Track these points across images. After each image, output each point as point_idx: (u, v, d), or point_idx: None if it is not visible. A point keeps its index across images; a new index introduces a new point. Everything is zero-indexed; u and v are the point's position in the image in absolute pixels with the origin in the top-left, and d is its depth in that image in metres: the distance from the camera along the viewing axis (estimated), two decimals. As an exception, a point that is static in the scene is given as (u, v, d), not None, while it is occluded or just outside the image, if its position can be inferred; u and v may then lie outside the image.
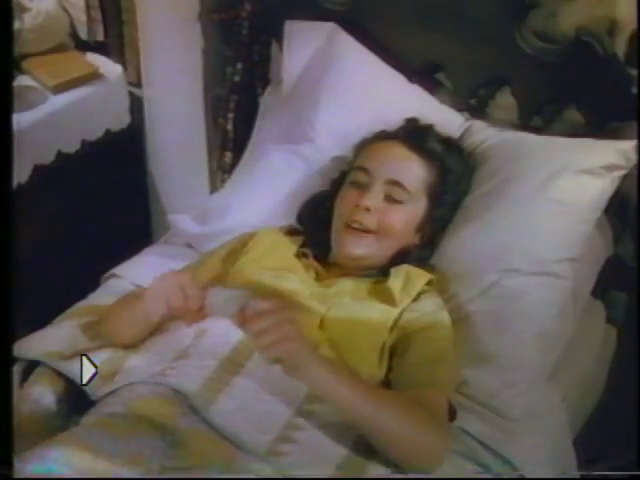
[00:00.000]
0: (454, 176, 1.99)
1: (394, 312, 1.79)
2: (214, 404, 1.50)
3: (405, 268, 1.88)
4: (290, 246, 2.00)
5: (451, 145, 2.05)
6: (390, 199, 1.91)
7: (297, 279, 1.87)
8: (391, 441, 1.53)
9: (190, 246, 2.31)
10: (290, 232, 2.08)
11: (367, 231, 1.90)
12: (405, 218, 1.93)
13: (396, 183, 1.91)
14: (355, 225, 1.90)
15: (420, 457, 1.55)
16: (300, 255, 1.98)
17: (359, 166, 1.98)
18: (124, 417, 1.46)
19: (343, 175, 2.06)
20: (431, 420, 1.59)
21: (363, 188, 1.92)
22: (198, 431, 1.46)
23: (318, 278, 1.92)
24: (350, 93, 2.22)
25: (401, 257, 1.93)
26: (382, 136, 2.04)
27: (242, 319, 1.49)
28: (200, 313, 1.63)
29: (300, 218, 2.13)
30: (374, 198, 1.90)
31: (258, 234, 2.02)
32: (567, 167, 1.93)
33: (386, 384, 1.74)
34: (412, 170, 1.94)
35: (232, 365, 1.59)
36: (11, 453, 1.39)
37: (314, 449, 1.51)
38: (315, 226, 2.06)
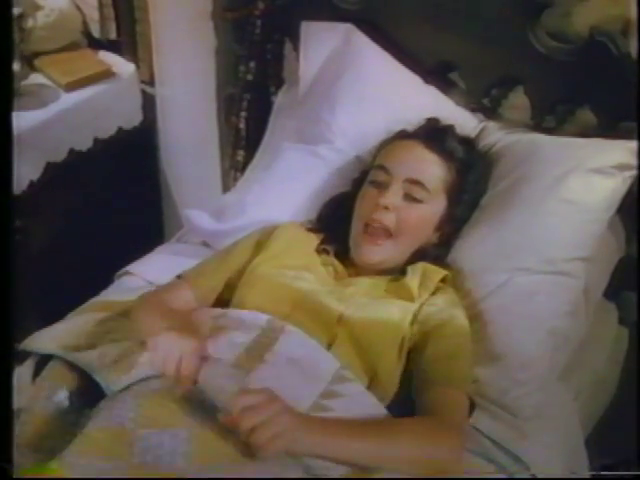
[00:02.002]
0: (473, 175, 2.00)
1: (413, 307, 1.81)
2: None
3: (421, 265, 1.90)
4: (311, 242, 2.01)
5: (470, 145, 2.06)
6: (410, 198, 1.91)
7: (314, 279, 1.88)
8: (406, 466, 1.53)
9: (203, 244, 2.31)
10: (311, 228, 2.08)
11: (385, 232, 1.90)
12: (424, 217, 1.94)
13: (416, 182, 1.91)
14: (375, 224, 1.90)
15: (437, 468, 1.54)
16: (321, 251, 1.99)
17: (379, 165, 1.98)
18: (131, 420, 1.47)
19: (364, 175, 2.06)
20: (442, 430, 1.60)
21: (382, 187, 1.93)
22: (210, 427, 1.45)
23: (337, 276, 1.93)
24: (367, 94, 2.22)
25: (419, 256, 1.94)
26: (402, 135, 2.04)
27: (232, 420, 1.44)
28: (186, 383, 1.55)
29: (320, 219, 2.13)
30: (393, 197, 1.90)
31: (279, 228, 2.01)
32: (578, 167, 1.93)
33: (405, 378, 1.76)
34: (432, 169, 1.94)
35: (252, 356, 1.61)
36: (11, 453, 1.40)
37: None
38: (335, 226, 2.05)
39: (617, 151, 1.94)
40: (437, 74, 2.27)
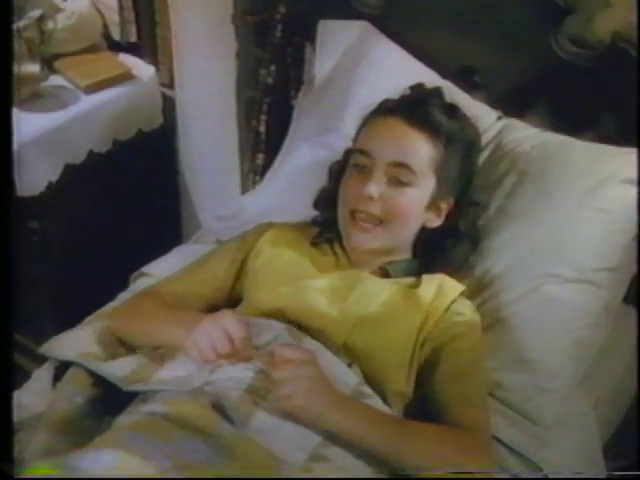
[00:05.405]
0: (462, 146, 1.87)
1: (422, 323, 1.75)
2: (251, 418, 1.47)
3: (439, 278, 1.83)
4: (304, 237, 1.94)
5: (456, 113, 1.91)
6: (395, 181, 1.79)
7: (315, 278, 1.81)
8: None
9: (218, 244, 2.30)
10: (304, 226, 2.01)
11: (373, 220, 1.80)
12: (412, 201, 1.81)
13: (401, 165, 1.78)
14: (360, 215, 1.80)
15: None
16: (319, 242, 1.94)
17: (359, 149, 1.86)
18: (165, 417, 1.42)
19: (347, 154, 1.95)
20: (467, 444, 1.58)
21: (366, 172, 1.81)
22: (242, 436, 1.43)
23: (339, 265, 1.88)
24: (380, 84, 2.13)
25: (424, 242, 1.89)
26: (383, 110, 1.90)
27: (272, 364, 1.52)
28: (246, 355, 1.56)
29: (316, 205, 2.03)
30: (377, 184, 1.78)
31: (266, 233, 1.95)
32: (612, 177, 1.91)
33: (416, 402, 1.74)
34: (417, 149, 1.80)
35: (266, 379, 1.55)
36: (11, 453, 1.40)
37: (349, 467, 1.49)
38: (330, 211, 1.94)
39: None
40: (458, 78, 2.25)
